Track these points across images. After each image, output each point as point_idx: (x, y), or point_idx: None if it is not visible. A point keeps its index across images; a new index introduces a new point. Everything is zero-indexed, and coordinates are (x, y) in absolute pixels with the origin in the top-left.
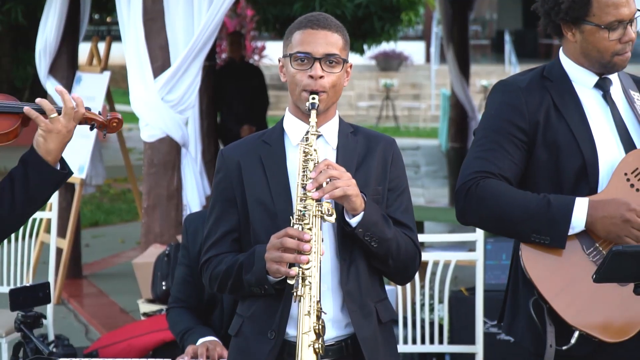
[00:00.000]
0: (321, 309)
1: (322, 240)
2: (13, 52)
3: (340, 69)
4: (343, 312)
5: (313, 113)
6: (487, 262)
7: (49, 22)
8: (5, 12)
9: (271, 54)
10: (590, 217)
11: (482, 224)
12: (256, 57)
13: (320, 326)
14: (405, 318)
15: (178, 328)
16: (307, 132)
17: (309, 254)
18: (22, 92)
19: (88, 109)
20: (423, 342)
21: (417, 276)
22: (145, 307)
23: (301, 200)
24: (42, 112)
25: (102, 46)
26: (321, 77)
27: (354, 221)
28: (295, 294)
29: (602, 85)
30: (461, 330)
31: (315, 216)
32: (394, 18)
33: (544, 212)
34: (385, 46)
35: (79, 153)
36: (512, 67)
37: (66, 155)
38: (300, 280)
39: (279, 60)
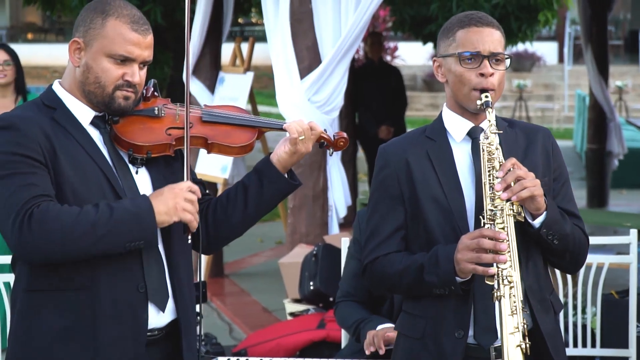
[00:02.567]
0: (524, 308)
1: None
2: None
3: (504, 67)
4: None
5: (490, 111)
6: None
7: (196, 23)
8: (144, 14)
9: (403, 54)
10: None
11: None
12: (388, 58)
13: (524, 325)
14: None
15: (351, 319)
16: (482, 131)
17: (506, 254)
18: (159, 93)
19: None
20: (575, 345)
21: (569, 279)
22: (291, 307)
23: (491, 199)
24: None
25: (244, 47)
26: (491, 74)
27: (537, 222)
28: (495, 294)
29: None
30: (613, 333)
31: (509, 215)
32: (531, 18)
33: None
34: (518, 46)
35: None
36: None
37: (210, 155)
38: (500, 280)
39: (434, 61)
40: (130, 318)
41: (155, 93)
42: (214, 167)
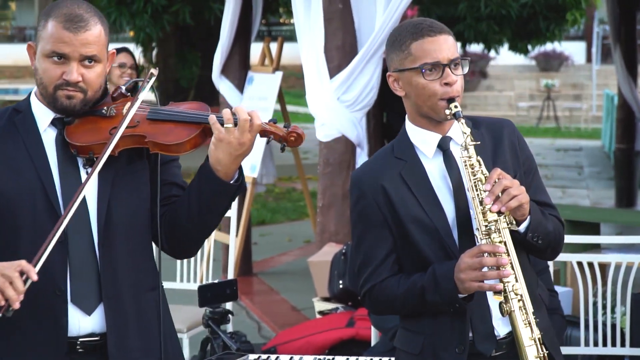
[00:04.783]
0: (536, 318)
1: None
2: (179, 52)
3: (461, 71)
4: None
5: (462, 122)
6: None
7: (225, 22)
8: (173, 13)
9: None
10: None
11: None
12: None
13: (538, 336)
14: (587, 320)
15: (390, 323)
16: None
17: (508, 268)
18: (187, 92)
19: (273, 122)
20: (605, 344)
21: (599, 279)
22: (320, 305)
23: (482, 214)
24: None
25: (273, 46)
26: (455, 81)
27: (522, 227)
28: (504, 309)
29: None
30: None
31: (504, 228)
32: (559, 18)
33: None
34: (546, 46)
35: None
36: None
37: None
38: (507, 295)
39: (389, 76)
40: (49, 322)
41: (124, 92)
42: (243, 166)
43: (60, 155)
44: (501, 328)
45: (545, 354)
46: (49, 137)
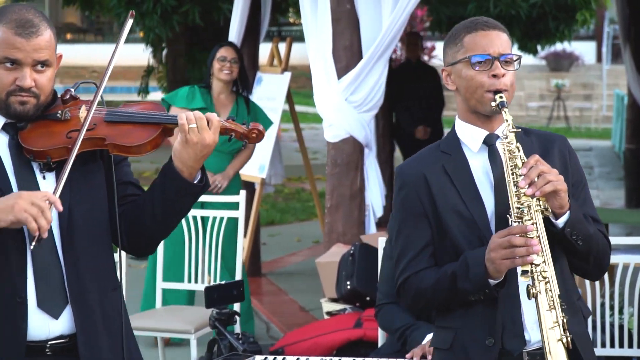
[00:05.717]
0: (562, 302)
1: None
2: (188, 53)
3: (514, 68)
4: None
5: (506, 110)
6: None
7: (233, 23)
8: (182, 14)
9: (440, 54)
10: None
11: None
12: (425, 58)
13: (563, 319)
14: (594, 321)
15: (396, 324)
16: (503, 131)
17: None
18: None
19: (233, 119)
20: (612, 345)
21: (606, 280)
22: (328, 306)
23: (517, 197)
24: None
25: (282, 47)
26: (503, 75)
27: (561, 221)
28: (531, 291)
29: None
30: None
31: (537, 211)
32: (569, 18)
33: None
34: (556, 46)
35: (259, 152)
36: None
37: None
38: (535, 277)
39: (443, 70)
40: (9, 329)
41: (73, 94)
42: (252, 166)
43: (15, 160)
44: (534, 333)
45: (569, 339)
46: (1, 142)
